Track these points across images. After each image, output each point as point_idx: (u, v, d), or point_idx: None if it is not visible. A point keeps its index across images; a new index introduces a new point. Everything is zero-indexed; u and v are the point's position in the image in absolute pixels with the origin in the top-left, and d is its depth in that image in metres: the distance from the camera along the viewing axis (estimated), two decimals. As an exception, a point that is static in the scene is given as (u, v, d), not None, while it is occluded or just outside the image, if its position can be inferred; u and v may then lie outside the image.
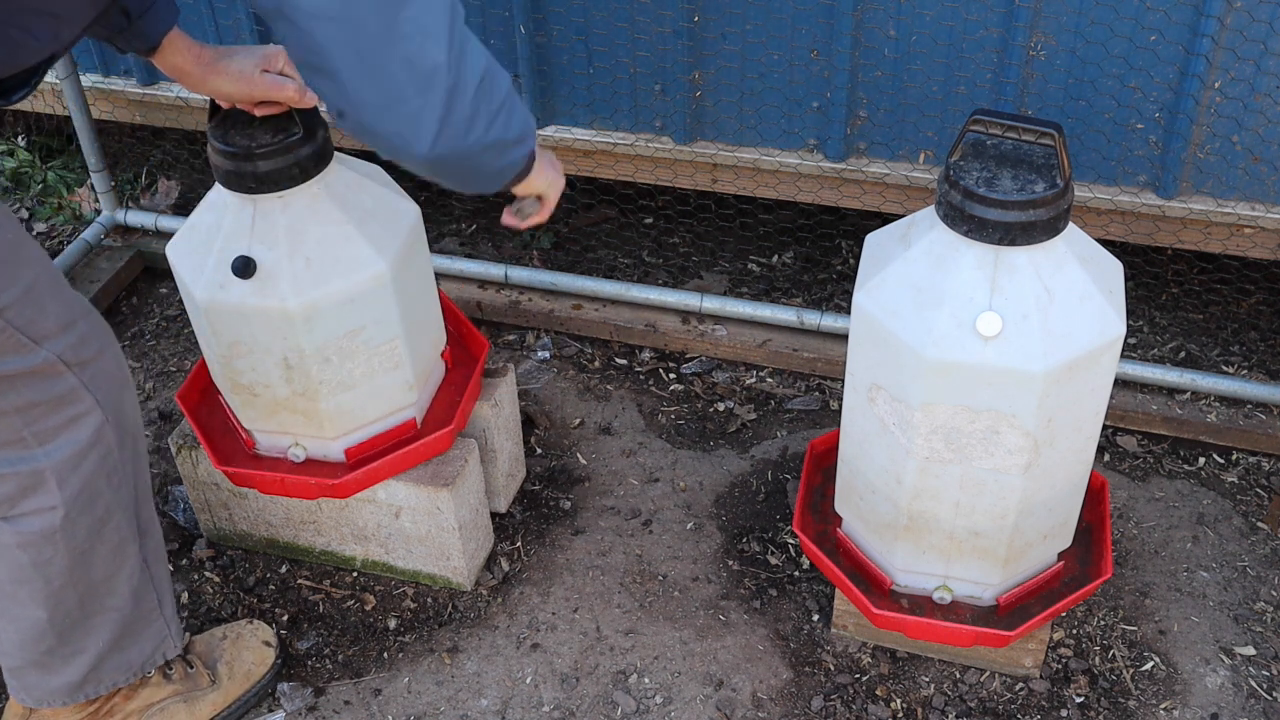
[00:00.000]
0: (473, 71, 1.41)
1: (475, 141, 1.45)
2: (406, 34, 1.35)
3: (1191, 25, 2.06)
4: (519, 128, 1.54)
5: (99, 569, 1.78)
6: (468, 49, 1.41)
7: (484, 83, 1.43)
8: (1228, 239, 2.30)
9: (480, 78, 1.42)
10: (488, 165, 1.53)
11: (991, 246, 1.62)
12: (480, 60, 1.44)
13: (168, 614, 1.93)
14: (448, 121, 1.41)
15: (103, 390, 1.70)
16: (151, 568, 1.88)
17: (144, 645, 1.91)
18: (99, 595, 1.80)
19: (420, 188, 3.18)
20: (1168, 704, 2.05)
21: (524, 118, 1.55)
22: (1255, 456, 2.47)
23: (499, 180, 1.59)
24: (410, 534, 2.21)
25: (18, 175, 3.38)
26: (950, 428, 1.72)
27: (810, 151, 2.44)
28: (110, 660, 1.88)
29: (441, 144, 1.42)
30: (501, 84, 1.48)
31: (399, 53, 1.35)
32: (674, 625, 2.20)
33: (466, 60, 1.40)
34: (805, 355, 2.67)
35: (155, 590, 1.89)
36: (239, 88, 1.77)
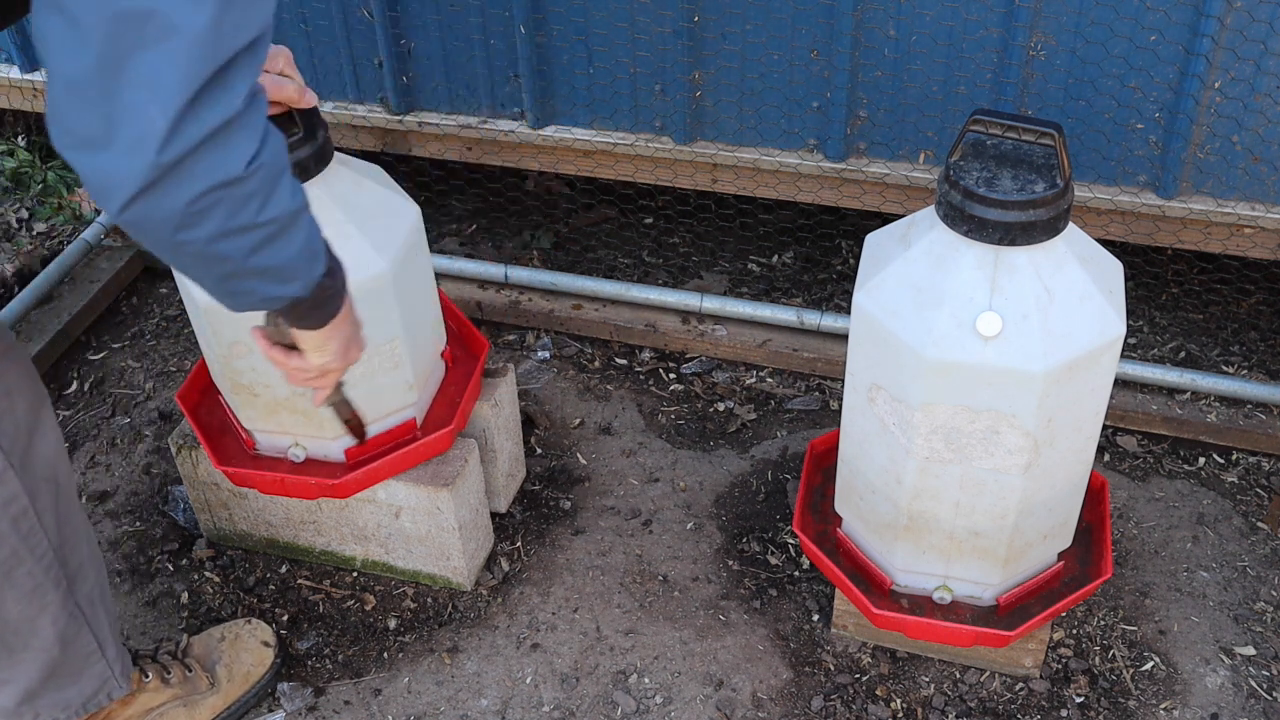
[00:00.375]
0: (226, 164, 1.16)
1: (201, 237, 1.20)
2: (129, 80, 1.09)
3: (1191, 25, 2.06)
4: (295, 260, 1.30)
5: (11, 610, 1.73)
6: (229, 134, 1.15)
7: (241, 185, 1.18)
8: (1228, 239, 2.30)
9: (237, 177, 1.17)
10: (225, 276, 1.28)
11: (991, 246, 1.62)
12: (241, 157, 1.19)
13: (110, 655, 1.87)
14: (154, 195, 1.14)
15: (6, 435, 1.63)
16: (86, 611, 1.81)
17: (83, 686, 1.86)
18: (19, 634, 1.75)
19: (420, 188, 3.18)
20: (1168, 704, 2.05)
21: (310, 255, 1.33)
22: (1255, 456, 2.47)
23: (244, 302, 1.34)
24: (410, 534, 2.21)
25: (18, 175, 3.38)
26: (950, 428, 1.72)
27: (810, 151, 2.43)
28: (45, 697, 1.83)
29: (137, 212, 1.16)
30: (282, 201, 1.24)
31: (112, 93, 1.10)
32: (674, 625, 2.20)
33: (214, 145, 1.14)
34: (805, 355, 2.67)
35: (93, 634, 1.83)
36: None
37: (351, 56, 2.59)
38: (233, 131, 1.14)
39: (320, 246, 1.36)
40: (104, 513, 2.46)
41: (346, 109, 2.65)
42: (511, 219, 3.18)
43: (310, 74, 2.62)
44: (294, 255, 1.30)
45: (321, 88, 2.65)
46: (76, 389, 2.77)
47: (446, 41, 2.50)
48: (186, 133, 1.10)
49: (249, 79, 1.16)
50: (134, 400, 2.72)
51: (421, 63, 2.56)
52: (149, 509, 2.47)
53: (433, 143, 2.70)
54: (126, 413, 2.69)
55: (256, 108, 1.18)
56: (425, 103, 2.63)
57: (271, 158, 1.20)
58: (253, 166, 1.17)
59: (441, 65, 2.54)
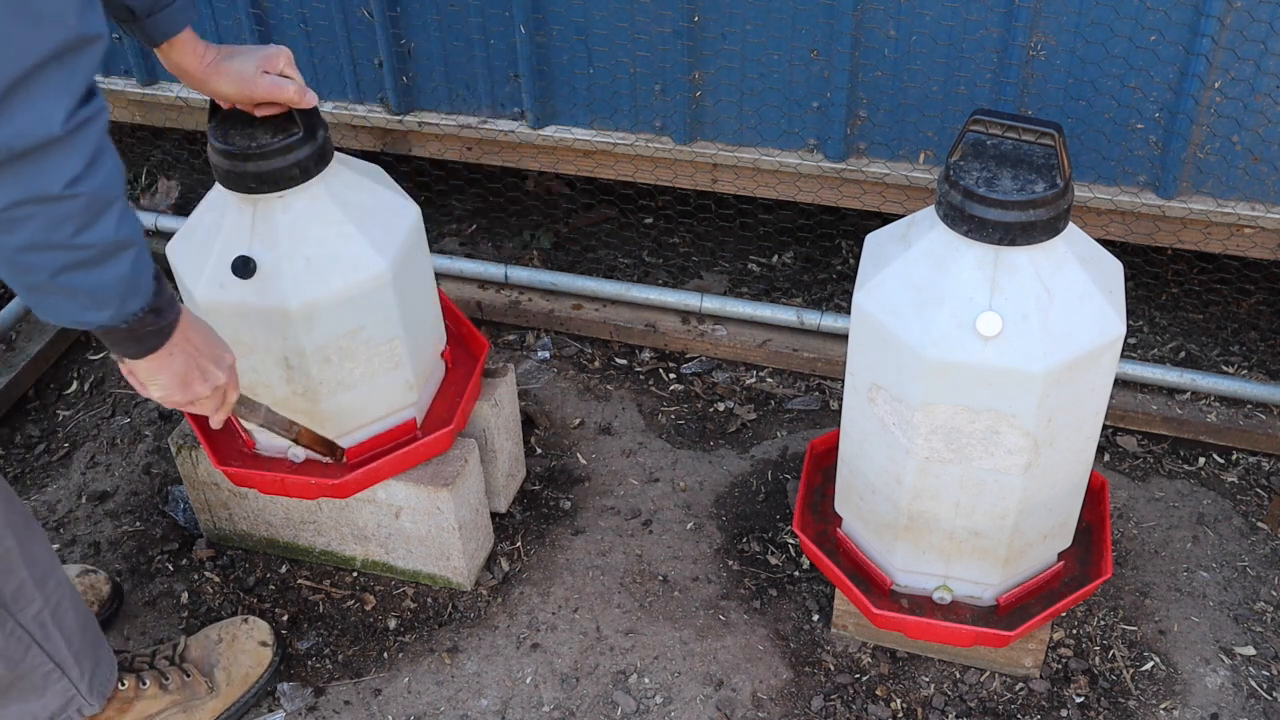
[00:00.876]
0: (39, 181, 1.18)
1: (10, 245, 1.23)
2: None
3: (1191, 25, 2.06)
4: (108, 289, 1.32)
5: None
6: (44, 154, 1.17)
7: (57, 204, 1.21)
8: (1228, 239, 2.30)
9: (52, 195, 1.19)
10: (30, 287, 1.30)
11: (991, 246, 1.62)
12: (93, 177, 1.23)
13: (75, 675, 1.85)
14: None
15: None
16: (34, 632, 1.78)
17: (47, 702, 1.85)
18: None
19: (420, 188, 3.18)
20: (1168, 704, 2.05)
21: (128, 289, 1.35)
22: (1255, 456, 2.47)
23: (51, 316, 1.36)
24: (410, 534, 2.21)
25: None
26: (950, 428, 1.72)
27: (810, 151, 2.43)
28: (4, 709, 1.84)
29: None
30: (103, 230, 1.27)
31: None
32: (674, 625, 2.20)
33: (25, 161, 1.16)
34: (805, 355, 2.67)
35: (47, 655, 1.81)
36: (239, 89, 1.76)
37: (352, 56, 2.59)
38: (48, 152, 1.16)
39: (146, 284, 1.39)
40: (104, 513, 2.46)
41: (346, 109, 2.65)
42: (511, 219, 3.18)
43: (310, 74, 2.62)
44: (107, 284, 1.32)
45: (321, 88, 2.65)
46: (76, 389, 2.77)
47: (446, 41, 2.50)
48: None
49: (60, 96, 1.15)
50: (134, 400, 2.72)
51: (421, 63, 2.56)
52: (149, 509, 2.47)
53: (433, 143, 2.70)
54: (126, 413, 2.69)
55: (84, 133, 1.19)
56: (425, 103, 2.63)
57: (98, 186, 1.22)
58: (73, 189, 1.19)
59: (441, 65, 2.54)
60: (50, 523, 2.45)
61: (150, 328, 1.45)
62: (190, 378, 1.57)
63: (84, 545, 2.40)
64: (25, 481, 2.54)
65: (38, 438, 2.65)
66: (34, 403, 2.73)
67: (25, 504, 1.80)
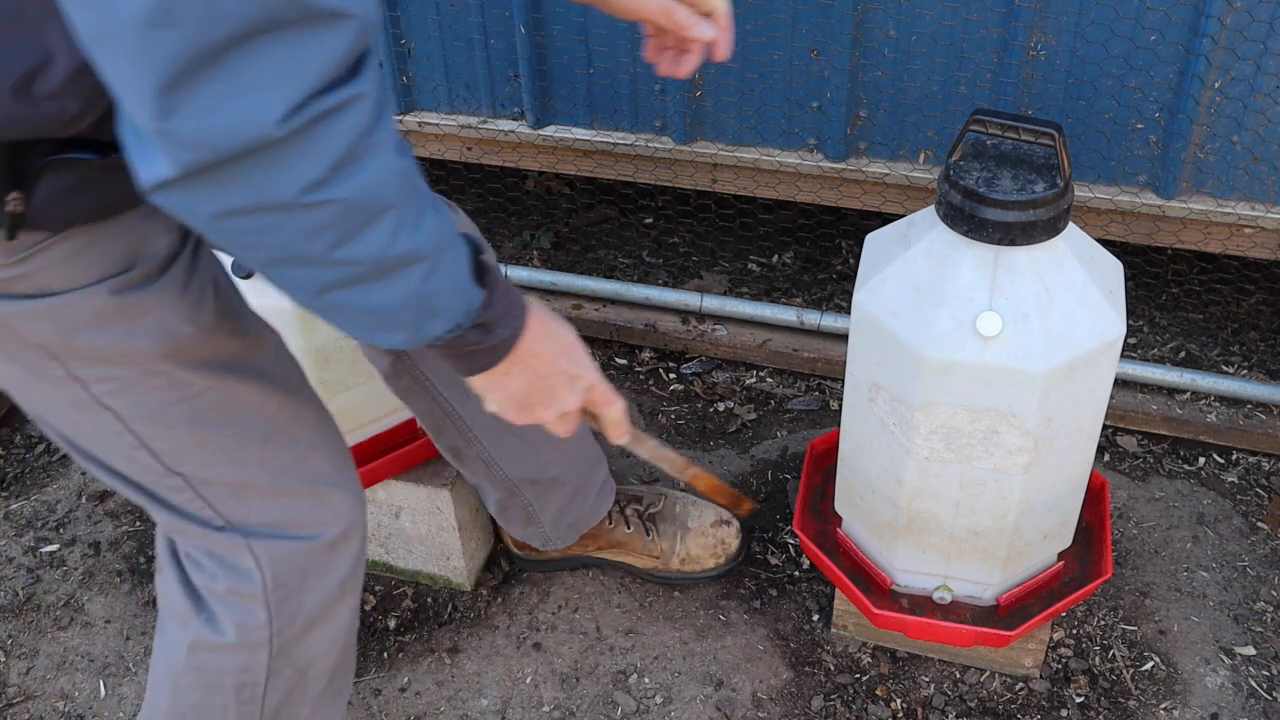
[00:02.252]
0: (264, 186, 0.93)
1: (255, 260, 1.01)
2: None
3: (1191, 25, 2.06)
4: (393, 310, 1.08)
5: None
6: (263, 154, 0.90)
7: (295, 213, 0.95)
8: (1228, 239, 2.30)
9: (283, 203, 0.94)
10: (308, 305, 1.09)
11: (991, 246, 1.62)
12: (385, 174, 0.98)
13: None
14: (176, 193, 0.92)
15: (286, 615, 1.49)
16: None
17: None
18: None
19: (420, 188, 3.17)
20: (1168, 704, 2.05)
21: (423, 310, 1.10)
22: (1255, 456, 2.47)
23: (351, 335, 1.15)
24: (410, 534, 2.21)
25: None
26: (950, 428, 1.72)
27: (810, 151, 2.43)
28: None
29: (166, 200, 0.93)
30: (373, 243, 1.00)
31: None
32: (674, 625, 2.20)
33: (240, 164, 0.90)
34: (805, 355, 2.67)
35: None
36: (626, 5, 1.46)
37: (351, 56, 2.58)
38: (265, 155, 0.90)
39: (452, 303, 1.11)
40: (104, 513, 2.46)
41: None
42: (511, 219, 3.18)
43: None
44: (391, 304, 1.07)
45: (321, 88, 2.65)
46: (76, 389, 2.76)
47: (446, 41, 2.50)
48: (177, 133, 0.88)
49: (277, 85, 0.87)
50: (134, 400, 2.72)
51: (421, 63, 2.56)
52: (149, 509, 2.47)
53: (433, 143, 2.70)
54: (126, 413, 2.69)
55: (322, 130, 0.91)
56: (425, 103, 2.63)
57: (356, 192, 0.96)
58: (315, 195, 0.94)
59: (441, 65, 2.54)
60: (50, 523, 2.45)
61: (474, 346, 1.18)
62: (531, 400, 1.30)
63: (84, 545, 2.40)
64: (25, 481, 2.55)
65: (38, 438, 2.65)
66: (34, 403, 2.74)
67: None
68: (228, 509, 1.40)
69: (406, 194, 1.02)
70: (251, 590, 1.46)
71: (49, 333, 1.15)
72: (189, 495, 1.36)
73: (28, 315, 1.14)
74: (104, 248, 1.13)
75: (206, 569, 1.47)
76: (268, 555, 1.43)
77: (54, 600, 2.30)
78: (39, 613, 2.28)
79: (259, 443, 1.36)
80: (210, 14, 0.82)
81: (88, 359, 1.20)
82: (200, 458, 1.33)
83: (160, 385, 1.25)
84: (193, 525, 1.40)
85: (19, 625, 2.26)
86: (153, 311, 1.19)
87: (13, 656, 2.21)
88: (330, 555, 1.50)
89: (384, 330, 1.11)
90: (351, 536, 1.51)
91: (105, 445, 1.30)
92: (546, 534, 2.14)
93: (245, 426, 1.34)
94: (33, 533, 2.43)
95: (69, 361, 1.20)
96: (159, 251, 1.19)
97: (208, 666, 1.53)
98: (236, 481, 1.37)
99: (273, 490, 1.40)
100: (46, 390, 1.23)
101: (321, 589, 1.51)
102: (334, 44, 0.88)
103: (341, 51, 0.89)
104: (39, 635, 2.24)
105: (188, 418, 1.29)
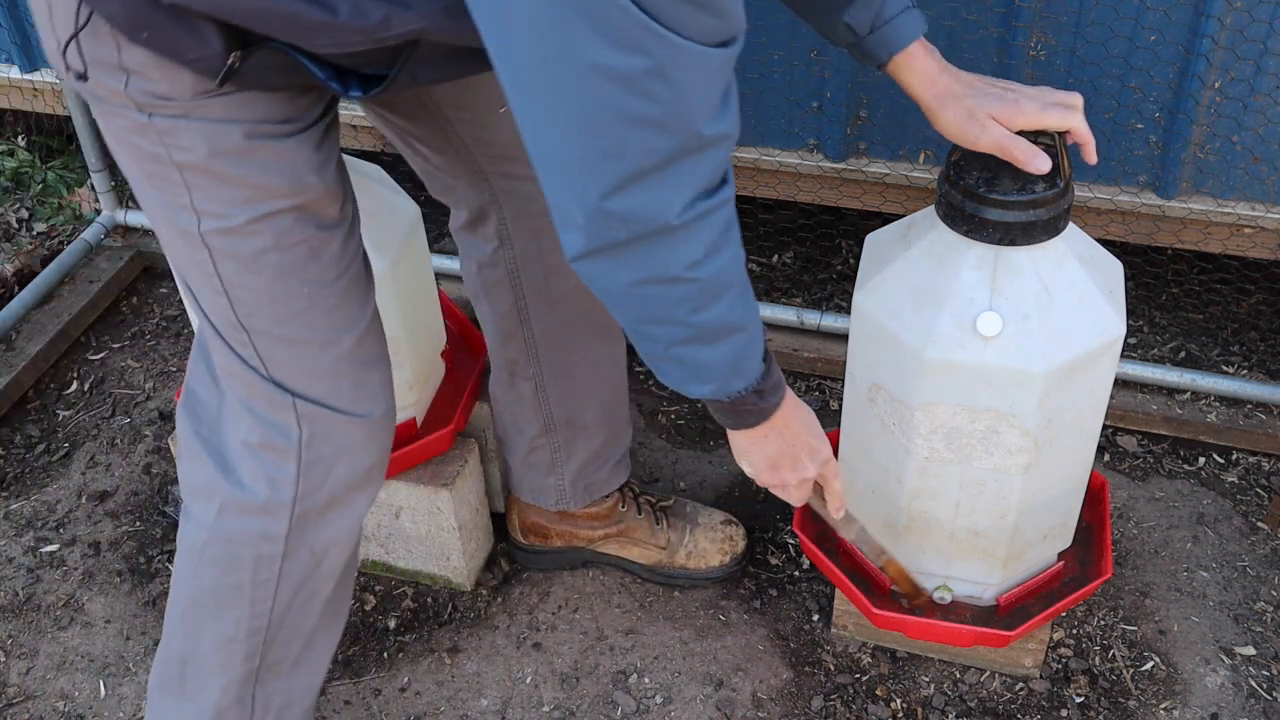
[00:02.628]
0: (659, 263, 1.25)
1: (630, 317, 1.34)
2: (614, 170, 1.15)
3: (1191, 25, 2.06)
4: (713, 366, 1.40)
5: (205, 647, 1.69)
6: (659, 238, 1.22)
7: (678, 285, 1.28)
8: (1228, 239, 2.30)
9: (674, 277, 1.27)
10: (647, 355, 1.40)
11: (991, 246, 1.62)
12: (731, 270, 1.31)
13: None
14: (590, 263, 1.24)
15: (309, 484, 1.59)
16: (257, 708, 1.74)
17: None
18: (199, 672, 1.71)
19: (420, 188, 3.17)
20: (1168, 704, 2.05)
21: (732, 370, 1.42)
22: (1255, 456, 2.47)
23: (662, 378, 1.45)
24: (410, 534, 2.21)
25: (18, 175, 3.39)
26: (950, 428, 1.72)
27: (810, 151, 2.43)
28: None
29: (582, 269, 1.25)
30: (715, 312, 1.33)
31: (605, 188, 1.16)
32: (674, 625, 2.20)
33: (639, 244, 1.22)
34: (805, 355, 2.67)
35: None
36: (960, 130, 1.58)
37: (351, 56, 2.58)
38: (663, 237, 1.21)
39: (752, 367, 1.43)
40: (104, 513, 2.46)
41: (347, 109, 2.65)
42: (511, 219, 3.17)
43: (310, 74, 2.62)
44: (715, 362, 1.39)
45: (321, 88, 2.65)
46: (76, 389, 2.77)
47: (446, 41, 2.50)
48: (606, 225, 1.19)
49: (680, 189, 1.19)
50: (134, 400, 2.72)
51: (421, 63, 2.55)
52: (149, 509, 2.47)
53: (433, 143, 2.70)
54: (126, 413, 2.70)
55: (706, 222, 1.23)
56: (425, 103, 2.62)
57: (716, 271, 1.28)
58: (692, 272, 1.26)
59: (441, 65, 2.54)
60: (50, 523, 2.45)
61: (750, 406, 1.48)
62: (780, 463, 1.59)
63: (84, 545, 2.40)
64: (25, 481, 2.55)
65: (38, 438, 2.65)
66: (34, 403, 2.74)
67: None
68: (282, 370, 1.53)
69: (743, 277, 1.34)
70: (287, 446, 1.56)
71: (201, 152, 1.35)
72: (250, 351, 1.52)
73: (194, 131, 1.35)
74: (271, 102, 1.38)
75: (244, 423, 1.57)
76: (309, 416, 1.55)
77: (54, 600, 2.30)
78: (39, 613, 2.28)
79: (325, 310, 1.51)
80: (648, 151, 1.14)
81: (217, 187, 1.39)
82: (272, 311, 1.48)
83: (264, 231, 1.42)
84: (248, 371, 1.53)
85: (19, 625, 2.26)
86: (289, 156, 1.41)
87: (13, 656, 2.21)
88: (366, 435, 1.61)
89: (700, 381, 1.42)
90: (385, 425, 1.64)
91: (198, 281, 1.49)
92: (564, 489, 2.17)
93: (319, 290, 1.49)
94: (33, 533, 2.43)
95: (196, 191, 1.39)
96: (306, 117, 1.43)
97: (231, 534, 1.61)
98: (297, 340, 1.51)
99: (327, 359, 1.54)
100: (169, 216, 1.44)
101: (350, 467, 1.61)
102: (717, 157, 1.21)
103: (721, 162, 1.23)
104: (39, 635, 2.24)
105: (275, 266, 1.45)
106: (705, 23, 1.08)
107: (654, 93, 1.09)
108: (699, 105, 1.14)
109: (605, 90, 1.08)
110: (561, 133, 1.14)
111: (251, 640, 1.67)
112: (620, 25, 1.04)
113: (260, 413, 1.56)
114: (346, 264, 1.52)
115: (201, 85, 1.32)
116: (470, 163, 1.81)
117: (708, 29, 1.09)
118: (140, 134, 1.37)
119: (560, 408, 2.09)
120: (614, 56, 1.06)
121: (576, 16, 1.04)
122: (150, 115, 1.34)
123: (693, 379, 1.42)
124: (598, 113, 1.10)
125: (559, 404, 2.08)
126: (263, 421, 1.56)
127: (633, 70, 1.07)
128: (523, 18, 1.06)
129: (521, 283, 1.95)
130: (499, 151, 1.78)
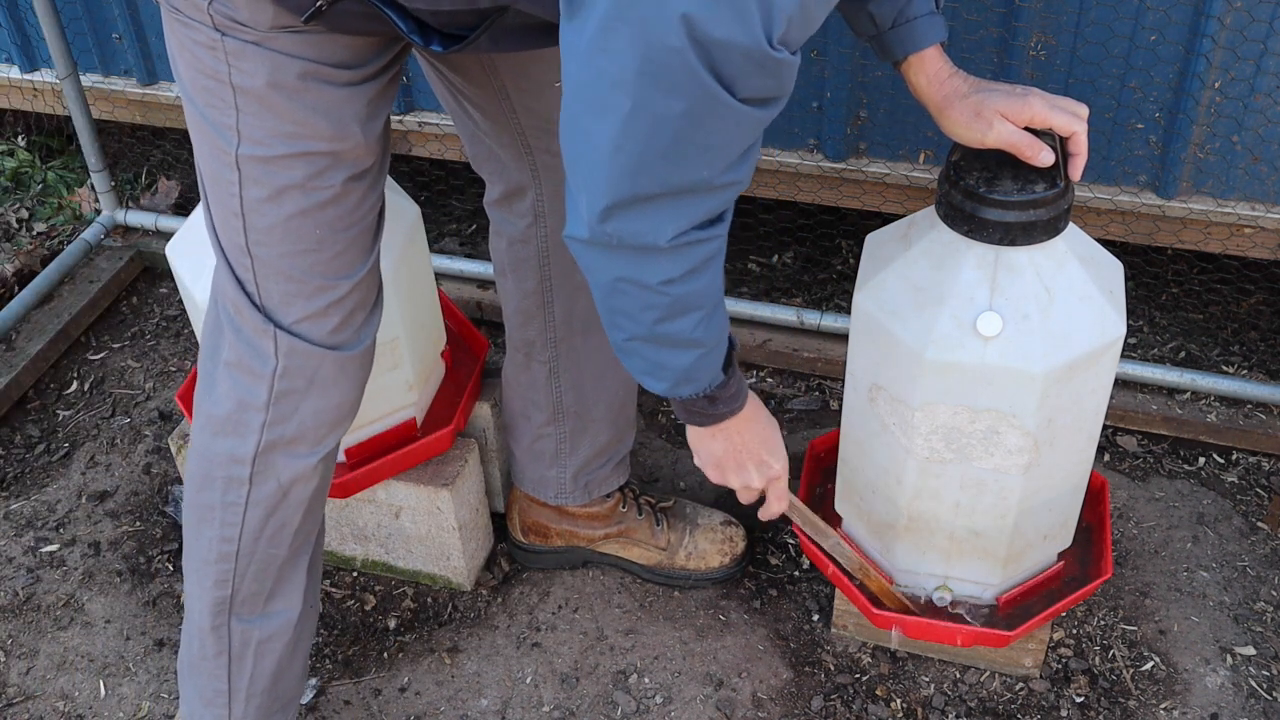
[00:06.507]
0: (640, 270, 1.36)
1: (609, 306, 1.44)
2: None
3: (1191, 25, 2.06)
4: (667, 369, 1.50)
5: (193, 554, 1.75)
6: (645, 254, 1.34)
7: (649, 292, 1.39)
8: (1228, 239, 2.30)
9: (648, 285, 1.37)
10: (614, 342, 1.50)
11: (992, 246, 1.62)
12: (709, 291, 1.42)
13: (237, 713, 1.81)
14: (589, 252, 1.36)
15: (285, 425, 1.65)
16: (236, 654, 1.77)
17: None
18: (192, 561, 1.77)
19: (420, 188, 3.18)
20: (1168, 704, 2.05)
21: (684, 377, 1.52)
22: (1255, 456, 2.47)
23: (628, 367, 1.54)
24: (410, 534, 2.21)
25: (18, 175, 3.39)
26: (950, 428, 1.72)
27: (810, 151, 2.43)
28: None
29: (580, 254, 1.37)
30: (680, 328, 1.44)
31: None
32: (674, 625, 2.20)
33: (631, 252, 1.34)
34: (805, 355, 2.67)
35: (229, 677, 1.79)
36: (968, 131, 1.58)
37: (351, 56, 2.58)
38: (650, 255, 1.33)
39: (706, 378, 1.53)
40: (104, 513, 2.46)
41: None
42: (511, 219, 3.17)
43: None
44: (669, 366, 1.49)
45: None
46: (76, 389, 2.77)
47: (446, 41, 2.50)
48: (604, 229, 1.30)
49: (675, 219, 1.30)
50: (134, 400, 2.72)
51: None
52: (149, 509, 2.47)
53: (433, 143, 2.70)
54: (126, 413, 2.69)
55: (690, 251, 1.34)
56: (425, 103, 2.63)
57: (687, 292, 1.38)
58: (665, 288, 1.36)
59: (441, 65, 2.54)
60: (50, 523, 2.45)
61: (700, 410, 1.59)
62: (725, 465, 1.71)
63: (84, 545, 2.40)
64: (25, 481, 2.55)
65: (38, 438, 2.65)
66: (34, 403, 2.74)
67: None
68: (273, 301, 1.59)
69: (715, 302, 1.44)
70: (262, 371, 1.62)
71: (261, 79, 1.42)
72: (250, 276, 1.58)
73: (261, 58, 1.41)
74: (338, 47, 1.45)
75: (228, 342, 1.63)
76: (286, 349, 1.61)
77: (54, 600, 2.30)
78: (39, 613, 2.28)
79: (331, 255, 1.57)
80: (667, 179, 1.25)
81: (265, 115, 1.45)
82: (281, 245, 1.54)
83: (297, 167, 1.49)
84: (241, 295, 1.59)
85: (19, 625, 2.26)
86: (340, 104, 1.47)
87: (13, 656, 2.21)
88: (340, 371, 1.66)
89: (653, 378, 1.52)
90: (360, 362, 1.69)
91: (219, 199, 1.54)
92: (565, 483, 2.18)
93: (329, 234, 1.55)
94: (33, 533, 2.43)
95: (245, 115, 1.45)
96: (368, 67, 1.50)
97: (205, 450, 1.68)
98: (295, 277, 1.56)
99: (320, 302, 1.59)
100: (210, 131, 1.49)
101: (320, 402, 1.66)
102: (719, 200, 1.33)
103: (721, 205, 1.34)
104: (39, 635, 2.24)
105: (296, 203, 1.51)
106: (760, 83, 1.17)
107: (682, 133, 1.19)
108: (719, 156, 1.24)
109: (639, 121, 1.18)
110: (596, 137, 1.23)
111: (222, 566, 1.72)
112: (670, 66, 1.13)
113: (245, 335, 1.61)
114: (363, 214, 1.58)
115: (281, 19, 1.38)
116: (517, 132, 1.82)
117: (757, 87, 1.18)
118: (208, 49, 1.43)
119: (571, 396, 2.10)
120: (657, 96, 1.15)
121: (630, 50, 1.13)
122: (224, 35, 1.41)
123: (647, 374, 1.52)
124: (627, 138, 1.21)
125: (570, 392, 2.10)
126: (245, 343, 1.62)
127: (670, 111, 1.16)
128: (594, 26, 1.15)
129: (550, 263, 1.97)
130: (547, 126, 1.80)
